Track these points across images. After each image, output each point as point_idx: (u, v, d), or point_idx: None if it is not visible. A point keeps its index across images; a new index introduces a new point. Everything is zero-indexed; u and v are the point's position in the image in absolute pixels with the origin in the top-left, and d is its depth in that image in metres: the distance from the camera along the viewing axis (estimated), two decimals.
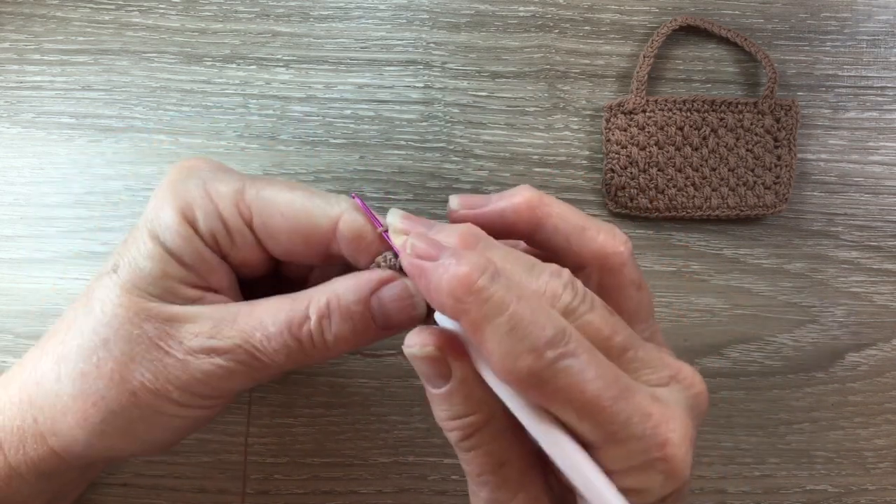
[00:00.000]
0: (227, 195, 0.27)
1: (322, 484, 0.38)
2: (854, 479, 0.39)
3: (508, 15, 0.40)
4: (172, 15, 0.39)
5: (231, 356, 0.26)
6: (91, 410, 0.27)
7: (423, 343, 0.24)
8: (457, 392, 0.24)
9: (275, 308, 0.27)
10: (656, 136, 0.39)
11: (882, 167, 0.40)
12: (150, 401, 0.27)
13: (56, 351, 0.27)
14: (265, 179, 0.28)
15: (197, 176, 0.28)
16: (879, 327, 0.40)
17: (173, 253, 0.27)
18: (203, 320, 0.27)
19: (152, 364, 0.26)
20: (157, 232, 0.27)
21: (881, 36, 0.41)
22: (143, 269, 0.27)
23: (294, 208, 0.27)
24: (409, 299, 0.27)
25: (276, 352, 0.27)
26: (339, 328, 0.27)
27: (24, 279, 0.38)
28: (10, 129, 0.39)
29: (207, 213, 0.27)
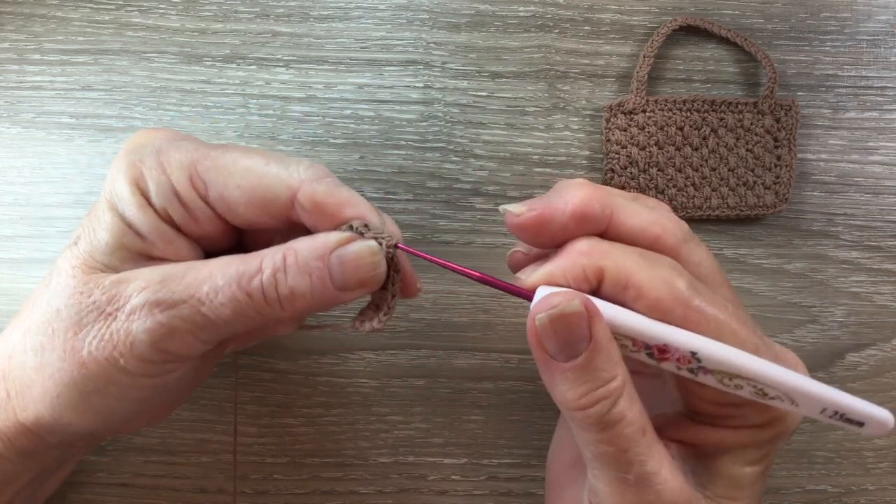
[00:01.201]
0: (180, 167, 0.26)
1: (322, 484, 0.38)
2: (854, 479, 0.39)
3: (508, 15, 0.40)
4: (172, 15, 0.39)
5: (174, 312, 0.25)
6: (48, 383, 0.26)
7: (567, 299, 0.23)
8: (600, 351, 0.24)
9: (225, 262, 0.26)
10: (656, 136, 0.39)
11: (882, 167, 0.40)
12: (100, 371, 0.26)
13: (23, 325, 0.27)
14: (221, 148, 0.27)
15: (151, 146, 0.27)
16: (879, 327, 0.40)
17: (130, 224, 0.26)
18: (149, 277, 0.26)
19: (99, 332, 0.26)
20: (114, 202, 0.26)
21: (881, 36, 0.41)
22: (101, 241, 0.26)
23: (250, 179, 0.26)
24: (371, 258, 0.26)
25: (223, 305, 0.25)
26: (295, 282, 0.26)
27: (24, 279, 0.38)
28: (10, 129, 0.39)
29: (160, 186, 0.26)
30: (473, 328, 0.39)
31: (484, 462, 0.38)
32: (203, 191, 0.27)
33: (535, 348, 0.24)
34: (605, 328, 0.24)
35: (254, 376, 0.38)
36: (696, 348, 0.24)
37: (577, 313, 0.23)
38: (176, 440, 0.38)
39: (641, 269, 0.24)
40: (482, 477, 0.38)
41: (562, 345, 0.24)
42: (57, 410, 0.27)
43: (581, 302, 0.23)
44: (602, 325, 0.24)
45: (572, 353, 0.24)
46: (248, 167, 0.27)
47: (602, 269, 0.25)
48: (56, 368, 0.26)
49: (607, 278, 0.25)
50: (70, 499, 0.37)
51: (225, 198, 0.27)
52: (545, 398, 0.38)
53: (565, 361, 0.24)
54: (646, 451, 0.24)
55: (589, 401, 0.24)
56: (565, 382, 0.24)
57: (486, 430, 0.39)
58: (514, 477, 0.38)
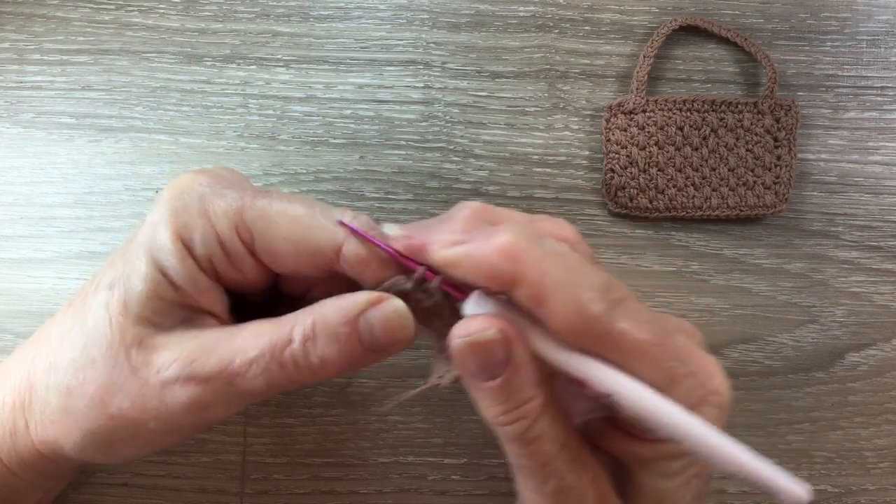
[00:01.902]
0: (226, 216, 0.26)
1: (322, 484, 0.38)
2: (854, 479, 0.39)
3: (508, 15, 0.40)
4: (172, 15, 0.39)
5: (208, 385, 0.26)
6: (73, 427, 0.27)
7: (482, 328, 0.23)
8: (517, 375, 0.24)
9: (256, 332, 0.26)
10: (656, 136, 0.39)
11: (882, 167, 0.40)
12: (128, 426, 0.26)
13: (49, 359, 0.27)
14: (265, 196, 0.27)
15: (195, 194, 0.26)
16: (879, 327, 0.40)
17: (167, 275, 0.26)
18: (182, 347, 0.26)
19: (131, 392, 0.26)
20: (153, 252, 0.26)
21: (881, 36, 0.41)
22: (136, 290, 0.26)
23: (297, 231, 0.26)
24: (399, 320, 0.26)
25: (257, 377, 0.26)
26: (324, 350, 0.26)
27: (24, 279, 0.38)
28: (10, 129, 0.39)
29: (205, 237, 0.26)
30: None
31: (484, 462, 0.38)
32: (249, 241, 0.26)
33: (458, 367, 0.25)
34: (523, 354, 0.24)
35: None
36: (609, 392, 0.23)
37: (493, 341, 0.23)
38: None
39: (559, 289, 0.23)
40: (482, 477, 0.38)
41: (480, 367, 0.24)
42: (79, 450, 0.27)
43: (498, 330, 0.23)
44: (520, 351, 0.24)
45: (490, 374, 0.24)
46: (294, 218, 0.26)
47: (519, 281, 0.23)
48: (83, 415, 0.26)
49: (521, 291, 0.23)
50: (70, 499, 0.37)
51: (271, 249, 0.26)
52: None
53: (484, 382, 0.24)
54: (564, 466, 0.25)
55: (507, 419, 0.24)
56: (485, 400, 0.25)
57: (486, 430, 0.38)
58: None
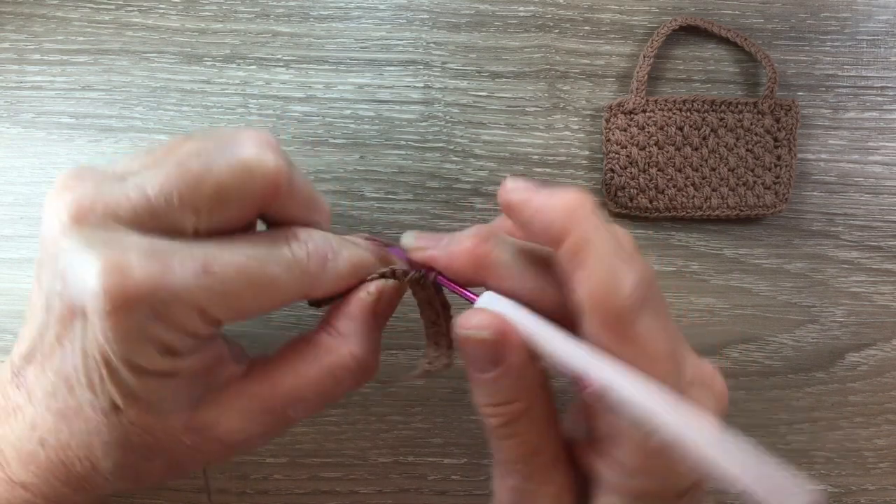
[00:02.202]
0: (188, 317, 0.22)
1: (322, 484, 0.38)
2: (854, 479, 0.39)
3: (508, 15, 0.40)
4: (172, 15, 0.39)
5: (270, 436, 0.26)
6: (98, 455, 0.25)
7: (481, 325, 0.24)
8: (505, 376, 0.24)
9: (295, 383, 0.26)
10: (656, 136, 0.39)
11: (882, 167, 0.40)
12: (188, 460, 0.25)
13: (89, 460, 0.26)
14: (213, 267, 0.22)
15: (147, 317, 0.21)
16: (879, 327, 0.40)
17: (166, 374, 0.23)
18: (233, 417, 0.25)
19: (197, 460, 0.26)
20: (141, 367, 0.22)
21: (881, 36, 0.41)
22: (149, 401, 0.23)
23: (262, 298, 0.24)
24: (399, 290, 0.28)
25: (308, 414, 0.27)
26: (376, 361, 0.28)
27: (24, 279, 0.38)
28: (10, 129, 0.39)
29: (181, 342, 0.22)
30: None
31: (484, 462, 0.38)
32: (216, 320, 0.23)
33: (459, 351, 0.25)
34: (518, 355, 0.24)
35: None
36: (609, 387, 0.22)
37: (486, 341, 0.24)
38: None
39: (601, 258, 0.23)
40: (482, 477, 0.38)
41: (474, 359, 0.24)
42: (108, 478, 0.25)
43: (495, 331, 0.23)
44: (514, 354, 0.23)
45: (482, 368, 0.24)
46: (254, 291, 0.23)
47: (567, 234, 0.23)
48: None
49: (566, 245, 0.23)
50: None
51: (239, 315, 0.24)
52: None
53: (476, 371, 0.25)
54: (529, 470, 0.25)
55: (490, 412, 0.25)
56: (474, 386, 0.25)
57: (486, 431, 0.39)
58: None
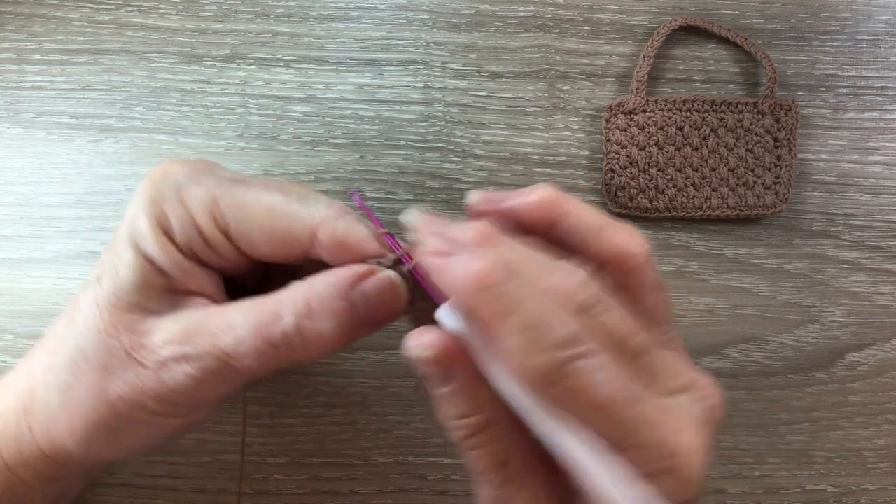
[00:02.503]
0: (202, 203, 0.26)
1: (322, 484, 0.38)
2: (854, 479, 0.39)
3: (508, 15, 0.40)
4: (172, 15, 0.39)
5: (201, 363, 0.26)
6: (76, 421, 0.27)
7: (425, 346, 0.24)
8: (459, 393, 0.24)
9: (244, 309, 0.26)
10: (656, 136, 0.39)
11: (882, 167, 0.40)
12: (129, 412, 0.26)
13: (46, 360, 0.27)
14: (242, 184, 0.27)
15: (171, 182, 0.27)
16: (879, 327, 0.40)
17: (153, 262, 0.26)
18: (175, 328, 0.26)
19: (128, 376, 0.26)
20: (136, 242, 0.26)
21: (881, 36, 0.41)
22: (125, 279, 0.26)
23: (271, 219, 0.27)
24: (394, 289, 0.27)
25: (247, 356, 0.26)
26: (321, 327, 0.26)
27: (24, 279, 0.38)
28: (10, 129, 0.39)
29: (182, 223, 0.26)
30: None
31: None
32: (224, 227, 0.27)
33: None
34: (464, 378, 0.24)
35: None
36: (541, 436, 0.23)
37: (424, 361, 0.24)
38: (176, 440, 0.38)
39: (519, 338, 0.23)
40: None
41: (427, 376, 0.24)
42: (84, 446, 0.27)
43: (435, 354, 0.24)
44: (462, 373, 0.24)
45: (435, 385, 0.24)
46: (270, 206, 0.27)
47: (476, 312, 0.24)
48: (83, 408, 0.26)
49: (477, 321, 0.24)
50: None
51: (245, 235, 0.27)
52: None
53: (433, 387, 0.25)
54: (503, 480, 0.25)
55: (451, 425, 0.25)
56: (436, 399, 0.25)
57: None
58: None
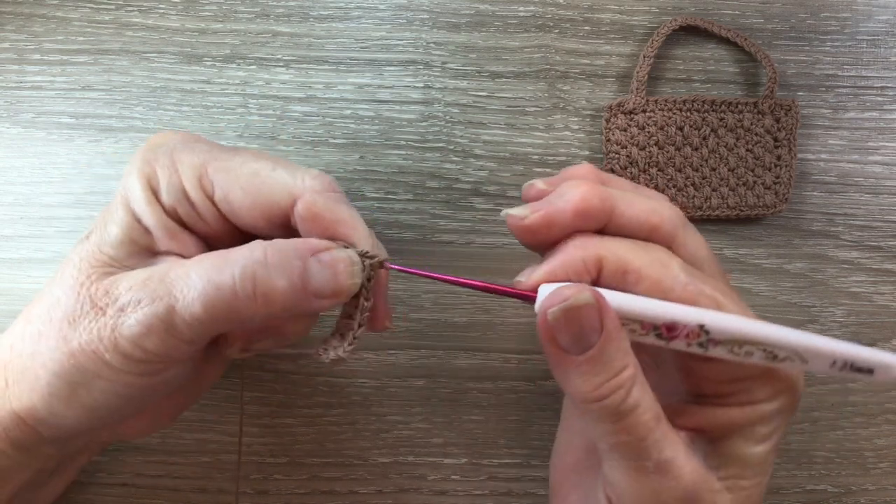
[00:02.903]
0: (191, 167, 0.27)
1: (322, 484, 0.38)
2: (854, 479, 0.39)
3: (508, 15, 0.40)
4: (172, 15, 0.39)
5: (150, 309, 0.25)
6: (40, 371, 0.26)
7: (577, 292, 0.24)
8: (611, 342, 0.24)
9: (203, 257, 0.26)
10: (656, 136, 0.39)
11: (882, 167, 0.40)
12: (87, 363, 0.26)
13: (27, 313, 0.28)
14: (232, 151, 0.28)
15: (166, 146, 0.28)
16: (879, 327, 0.40)
17: (139, 219, 0.27)
18: (137, 275, 0.26)
19: (89, 324, 0.26)
20: (126, 199, 0.27)
21: (881, 36, 0.41)
22: (111, 234, 0.27)
23: (254, 182, 0.27)
24: (349, 266, 0.26)
25: (194, 300, 0.25)
26: (274, 281, 0.25)
27: (24, 279, 0.38)
28: (10, 129, 0.39)
29: (170, 184, 0.27)
30: (473, 328, 0.39)
31: (484, 462, 0.38)
32: (210, 191, 0.27)
33: (548, 343, 0.25)
34: (615, 318, 0.24)
35: (255, 376, 0.38)
36: (703, 321, 0.24)
37: (588, 304, 0.24)
38: (176, 440, 0.38)
39: (638, 256, 0.25)
40: (482, 477, 0.38)
41: (575, 337, 0.24)
42: (46, 399, 0.26)
43: (591, 293, 0.24)
44: (612, 315, 0.24)
45: (585, 344, 0.24)
46: (254, 171, 0.27)
47: (600, 258, 0.25)
48: (48, 358, 0.26)
49: (606, 267, 0.25)
50: (70, 499, 0.37)
51: (229, 199, 0.27)
52: (545, 398, 0.38)
53: (578, 354, 0.24)
54: (662, 438, 0.25)
55: (604, 391, 0.24)
56: (579, 375, 0.25)
57: (486, 430, 0.39)
58: (514, 477, 0.38)
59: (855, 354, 0.25)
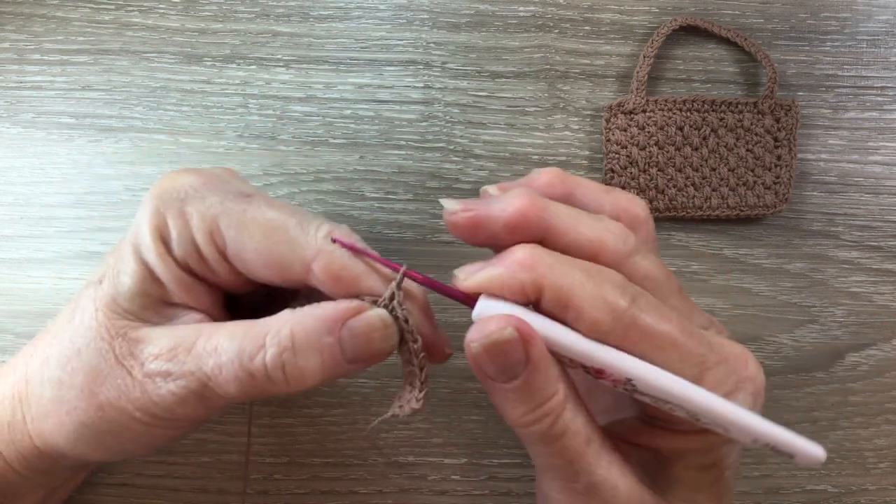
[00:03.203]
0: (202, 220, 0.26)
1: (322, 484, 0.38)
2: (854, 479, 0.39)
3: (508, 15, 0.40)
4: (172, 15, 0.39)
5: (183, 382, 0.26)
6: (65, 419, 0.27)
7: (498, 327, 0.23)
8: (538, 372, 0.24)
9: (230, 334, 0.26)
10: (656, 136, 0.39)
11: (882, 167, 0.40)
12: (116, 416, 0.26)
13: (43, 353, 0.27)
14: (245, 202, 0.27)
15: (176, 193, 0.27)
16: (879, 327, 0.40)
17: (152, 271, 0.26)
18: (164, 343, 0.26)
19: (116, 382, 0.26)
20: (138, 249, 0.27)
21: (881, 36, 0.41)
22: (123, 285, 0.26)
23: (268, 245, 0.26)
24: (383, 329, 0.26)
25: (227, 382, 0.25)
26: (305, 362, 0.25)
27: (24, 279, 0.38)
28: (10, 129, 0.39)
29: (180, 238, 0.26)
30: None
31: (484, 462, 0.38)
32: (222, 247, 0.27)
33: (475, 371, 0.24)
34: (542, 349, 0.23)
35: None
36: (630, 375, 0.23)
37: (510, 340, 0.23)
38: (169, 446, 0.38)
39: (583, 289, 0.23)
40: (482, 477, 0.38)
41: (499, 369, 0.24)
42: (72, 443, 0.27)
43: (514, 328, 0.23)
44: (538, 348, 0.23)
45: (510, 375, 0.24)
46: (266, 231, 0.26)
47: (541, 287, 0.23)
48: (73, 406, 0.27)
49: (546, 296, 0.24)
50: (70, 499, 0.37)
51: (243, 258, 0.26)
52: None
53: (505, 383, 0.24)
54: (593, 460, 0.25)
55: (531, 419, 0.24)
56: (507, 402, 0.24)
57: (486, 430, 0.39)
58: (514, 477, 0.38)
59: (776, 437, 0.24)
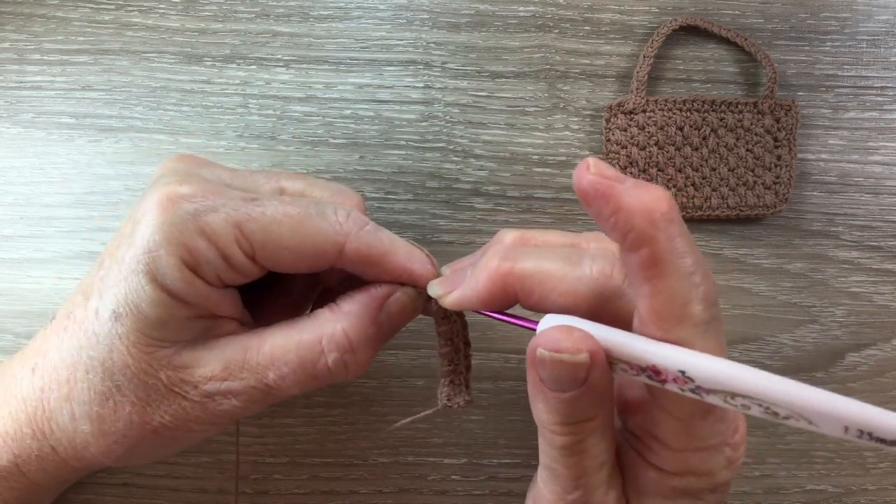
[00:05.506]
0: (225, 232, 0.26)
1: (322, 484, 0.38)
2: (854, 479, 0.39)
3: (508, 15, 0.40)
4: (172, 15, 0.39)
5: (246, 396, 0.28)
6: (114, 447, 0.28)
7: (576, 348, 0.22)
8: (586, 395, 0.23)
9: (283, 344, 0.28)
10: (656, 136, 0.39)
11: (882, 167, 0.40)
12: (172, 434, 0.28)
13: (62, 391, 0.27)
14: (258, 204, 0.27)
15: (185, 211, 0.26)
16: (879, 327, 0.40)
17: (178, 297, 0.26)
18: (213, 363, 0.27)
19: (171, 408, 0.27)
20: (157, 276, 0.26)
21: (881, 36, 0.41)
22: (149, 316, 0.26)
23: (297, 240, 0.27)
24: (413, 302, 0.29)
25: (291, 387, 0.28)
26: (364, 355, 0.29)
27: (24, 279, 0.38)
28: (10, 129, 0.39)
29: (211, 257, 0.26)
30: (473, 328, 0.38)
31: (484, 462, 0.38)
32: (250, 251, 0.27)
33: (529, 368, 0.24)
34: (602, 375, 0.23)
35: None
36: (683, 366, 0.21)
37: (581, 365, 0.23)
38: None
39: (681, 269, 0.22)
40: (482, 477, 0.38)
41: (555, 379, 0.23)
42: (122, 461, 0.29)
43: (588, 352, 0.22)
44: (599, 372, 0.23)
45: (562, 388, 0.23)
46: (293, 227, 0.27)
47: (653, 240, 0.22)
48: (122, 436, 0.28)
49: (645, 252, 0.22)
50: (70, 499, 0.37)
51: (273, 257, 0.27)
52: None
53: (552, 391, 0.24)
54: (596, 482, 0.25)
55: (561, 430, 0.24)
56: (546, 405, 0.24)
57: (486, 430, 0.39)
58: (514, 477, 0.38)
59: (877, 421, 0.19)
